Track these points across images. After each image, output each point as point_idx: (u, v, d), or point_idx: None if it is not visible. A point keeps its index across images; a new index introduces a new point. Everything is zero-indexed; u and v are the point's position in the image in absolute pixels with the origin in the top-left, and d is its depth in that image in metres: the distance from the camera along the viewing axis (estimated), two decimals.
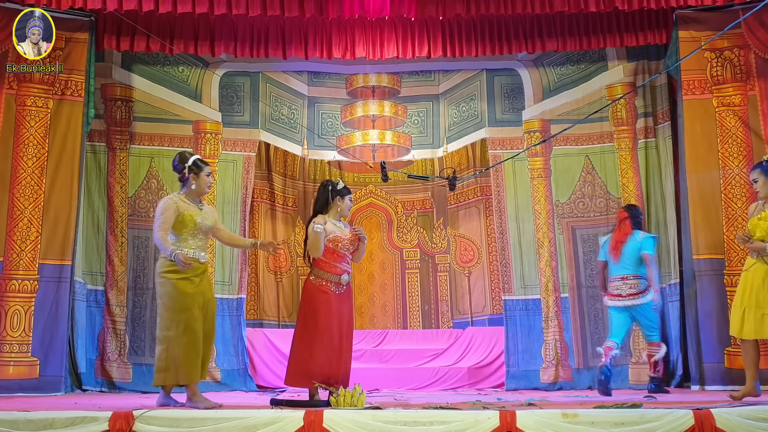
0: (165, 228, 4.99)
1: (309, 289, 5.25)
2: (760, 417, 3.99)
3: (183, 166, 5.11)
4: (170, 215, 5.00)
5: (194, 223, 5.04)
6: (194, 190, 5.13)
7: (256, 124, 8.62)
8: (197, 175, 5.10)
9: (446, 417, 4.09)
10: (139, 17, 7.31)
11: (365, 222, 9.49)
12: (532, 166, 8.26)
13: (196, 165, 5.11)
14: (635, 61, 8.07)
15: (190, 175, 5.09)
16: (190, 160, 5.11)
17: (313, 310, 5.18)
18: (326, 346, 5.12)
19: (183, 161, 5.13)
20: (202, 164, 5.15)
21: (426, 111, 9.28)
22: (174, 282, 4.95)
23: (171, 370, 4.93)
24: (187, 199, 5.11)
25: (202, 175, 5.11)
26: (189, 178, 5.10)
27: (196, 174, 5.10)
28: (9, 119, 7.00)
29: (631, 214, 6.83)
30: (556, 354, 7.80)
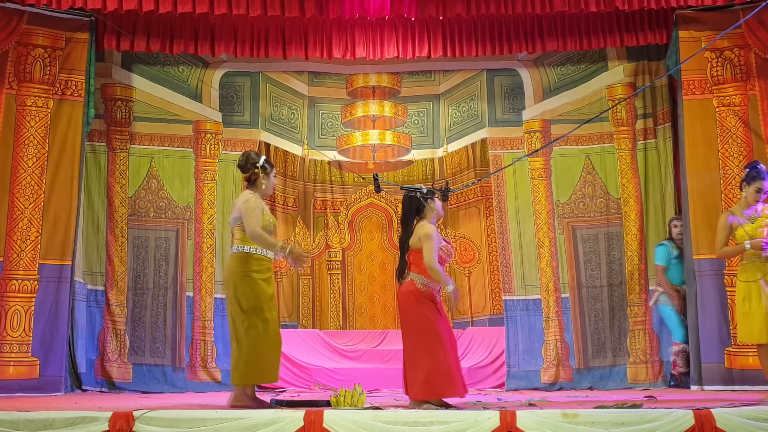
0: (261, 224, 4.87)
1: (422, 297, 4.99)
2: (760, 417, 3.99)
3: (255, 165, 5.03)
4: (260, 212, 4.92)
5: (269, 223, 4.99)
6: (263, 190, 5.08)
7: (256, 124, 8.62)
8: (267, 176, 5.06)
9: (446, 417, 4.09)
10: (139, 17, 7.31)
11: (365, 222, 9.50)
12: (532, 166, 8.26)
13: (269, 164, 5.08)
14: (635, 61, 8.07)
15: (262, 175, 5.03)
16: (261, 160, 5.05)
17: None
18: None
19: (253, 161, 5.05)
20: (271, 166, 5.12)
21: (426, 111, 9.28)
22: (258, 281, 4.89)
23: (252, 369, 4.86)
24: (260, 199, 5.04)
25: (271, 175, 5.09)
26: (260, 177, 5.03)
27: (266, 174, 5.06)
28: (9, 119, 7.00)
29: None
30: (557, 354, 7.80)
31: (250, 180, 5.08)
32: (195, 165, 8.23)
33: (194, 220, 8.09)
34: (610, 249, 7.97)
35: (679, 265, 7.35)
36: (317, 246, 9.27)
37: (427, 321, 4.89)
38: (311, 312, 9.14)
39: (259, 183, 5.06)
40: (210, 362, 7.84)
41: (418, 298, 4.93)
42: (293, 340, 8.50)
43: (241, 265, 4.93)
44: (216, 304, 7.99)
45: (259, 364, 4.88)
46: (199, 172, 8.24)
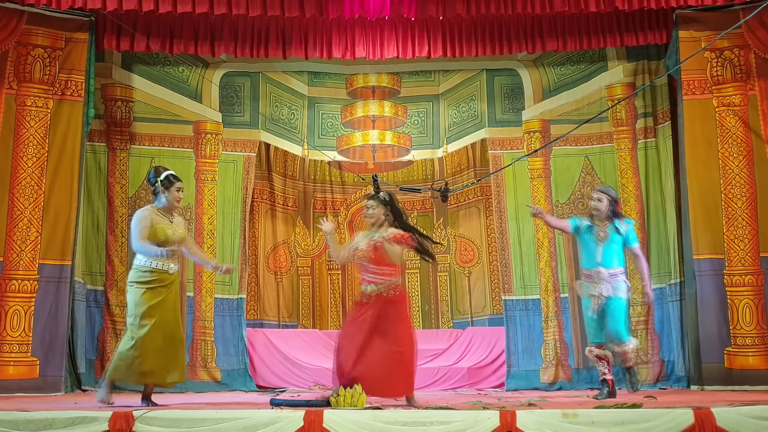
0: (144, 236, 5.18)
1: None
2: (760, 416, 3.99)
3: (156, 180, 5.30)
4: (146, 225, 5.19)
5: (165, 236, 5.21)
6: (165, 204, 5.30)
7: (256, 124, 8.63)
8: (168, 190, 5.27)
9: (446, 417, 4.09)
10: (139, 17, 7.31)
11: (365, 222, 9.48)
12: (531, 167, 8.26)
13: (168, 180, 5.29)
14: (635, 61, 8.07)
15: (161, 189, 5.27)
16: (163, 174, 5.30)
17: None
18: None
19: (157, 175, 5.32)
20: (174, 180, 5.31)
21: (426, 111, 9.28)
22: (141, 291, 5.11)
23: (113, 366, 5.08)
24: (159, 211, 5.28)
25: (172, 189, 5.29)
26: (160, 191, 5.27)
27: (166, 188, 5.27)
28: (9, 119, 7.00)
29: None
30: (556, 354, 7.81)
31: (154, 193, 5.36)
32: (195, 165, 8.24)
33: (194, 221, 8.10)
34: None
35: (591, 244, 6.16)
36: (317, 246, 9.27)
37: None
38: (311, 312, 9.14)
39: (160, 196, 5.29)
40: (210, 362, 7.85)
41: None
42: (293, 340, 8.51)
43: (131, 276, 5.24)
44: (216, 305, 8.00)
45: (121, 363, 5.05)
46: (200, 172, 8.25)
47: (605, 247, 6.09)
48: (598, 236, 6.12)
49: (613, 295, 6.03)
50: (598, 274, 6.06)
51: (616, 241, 6.09)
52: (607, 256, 6.08)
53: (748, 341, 6.91)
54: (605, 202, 6.13)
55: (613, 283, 6.04)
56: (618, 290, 6.05)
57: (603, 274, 6.05)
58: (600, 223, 6.16)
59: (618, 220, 6.14)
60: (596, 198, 6.19)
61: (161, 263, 5.17)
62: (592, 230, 6.17)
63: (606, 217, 6.13)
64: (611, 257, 6.08)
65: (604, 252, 6.09)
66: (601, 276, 6.05)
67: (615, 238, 6.09)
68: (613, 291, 6.03)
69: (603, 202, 6.14)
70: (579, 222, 6.29)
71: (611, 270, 6.06)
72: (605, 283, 6.04)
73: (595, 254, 6.11)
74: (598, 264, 6.07)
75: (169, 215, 5.32)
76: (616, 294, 6.04)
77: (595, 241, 6.12)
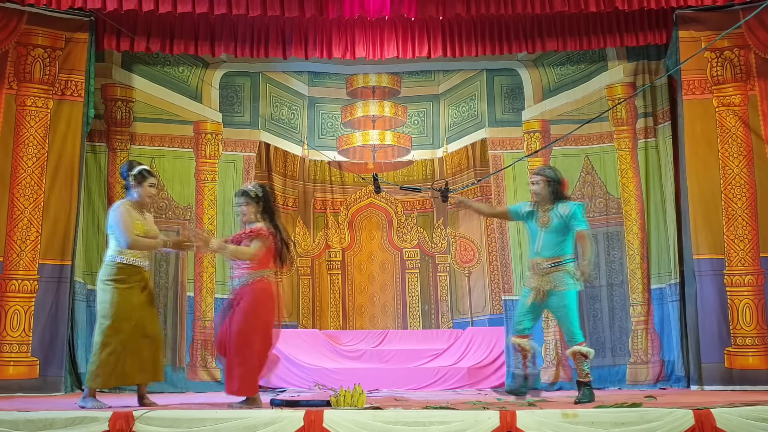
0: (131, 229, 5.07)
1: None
2: (760, 417, 4.00)
3: (128, 174, 5.23)
4: (127, 218, 5.10)
5: (143, 232, 5.16)
6: (137, 200, 5.23)
7: (257, 124, 8.63)
8: (140, 184, 5.20)
9: (446, 417, 4.10)
10: (139, 17, 7.31)
11: (365, 222, 9.49)
12: (531, 167, 8.25)
13: (141, 175, 5.21)
14: (635, 61, 8.07)
15: (134, 183, 5.20)
16: (136, 169, 5.22)
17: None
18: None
19: (129, 169, 5.25)
20: (148, 175, 5.25)
21: (426, 111, 9.28)
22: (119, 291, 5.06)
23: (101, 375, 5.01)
24: (132, 206, 5.21)
25: (145, 185, 5.21)
26: (132, 186, 5.21)
27: (139, 183, 5.19)
28: (9, 119, 7.00)
29: None
30: (556, 354, 7.81)
31: (125, 187, 5.30)
32: (195, 165, 8.24)
33: (195, 221, 8.10)
34: (610, 249, 7.97)
35: (534, 232, 5.62)
36: (317, 246, 9.27)
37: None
38: (311, 312, 9.14)
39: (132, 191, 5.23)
40: (210, 362, 7.85)
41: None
42: (293, 340, 8.50)
43: (104, 274, 5.15)
44: (217, 305, 8.00)
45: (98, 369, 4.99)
46: (200, 172, 8.25)
47: (546, 235, 5.47)
48: (539, 222, 5.52)
49: (556, 288, 5.41)
50: (537, 265, 5.49)
51: (558, 228, 5.45)
52: (547, 244, 5.46)
53: (748, 341, 6.91)
54: (542, 185, 5.53)
55: (555, 274, 5.42)
56: (561, 283, 5.40)
57: (542, 265, 5.46)
58: (542, 208, 5.56)
59: (561, 204, 5.50)
60: (533, 181, 5.62)
61: (133, 258, 5.12)
62: (534, 216, 5.59)
63: (547, 200, 5.52)
64: (551, 245, 5.45)
65: (544, 240, 5.47)
66: (540, 267, 5.47)
67: (557, 223, 5.45)
68: (554, 284, 5.41)
69: (539, 185, 5.55)
70: (520, 208, 5.73)
71: (549, 259, 5.45)
72: (544, 275, 5.44)
73: (535, 243, 5.54)
74: (537, 253, 5.51)
75: (140, 211, 5.24)
76: (558, 287, 5.40)
77: (537, 228, 5.53)
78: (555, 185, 5.54)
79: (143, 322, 5.15)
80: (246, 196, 5.19)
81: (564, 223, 5.43)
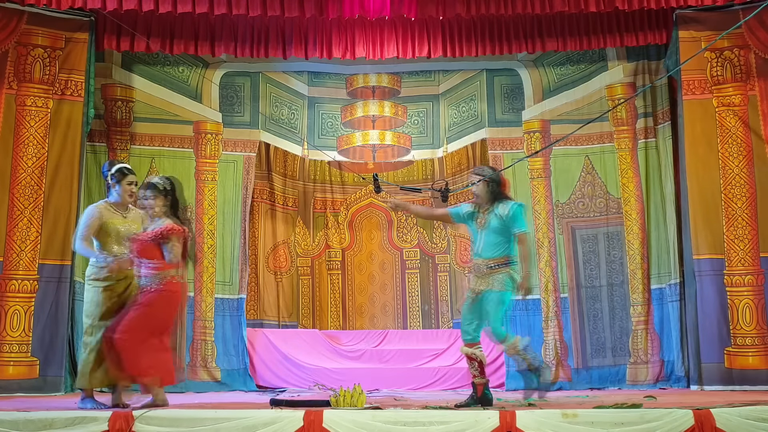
0: (86, 236, 5.02)
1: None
2: (760, 417, 4.00)
3: (107, 173, 5.16)
4: (92, 223, 5.03)
5: (117, 232, 5.07)
6: (117, 199, 5.15)
7: (257, 124, 8.63)
8: (118, 183, 5.12)
9: (446, 417, 4.10)
10: (139, 17, 7.31)
11: (365, 222, 9.49)
12: (531, 167, 8.26)
13: (120, 172, 5.14)
14: (635, 61, 8.07)
15: (111, 183, 5.13)
16: (114, 167, 5.16)
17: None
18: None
19: (109, 168, 5.18)
20: (127, 172, 5.16)
21: (426, 111, 9.28)
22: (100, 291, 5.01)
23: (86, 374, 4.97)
24: (111, 206, 5.13)
25: (123, 183, 5.12)
26: (111, 185, 5.14)
27: (117, 182, 5.12)
28: (9, 119, 7.00)
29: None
30: (556, 354, 7.81)
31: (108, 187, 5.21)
32: (195, 165, 8.24)
33: (195, 221, 8.10)
34: (611, 249, 7.97)
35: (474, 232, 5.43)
36: (317, 246, 9.27)
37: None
38: (311, 312, 9.14)
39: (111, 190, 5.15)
40: (210, 362, 7.85)
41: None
42: (293, 340, 8.51)
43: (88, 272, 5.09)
44: (217, 305, 8.01)
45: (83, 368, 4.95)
46: (200, 172, 8.25)
47: (485, 235, 5.30)
48: (478, 223, 5.35)
49: (489, 288, 5.22)
50: (477, 267, 5.33)
51: (497, 229, 5.27)
52: (486, 244, 5.29)
53: (748, 341, 6.91)
54: (480, 185, 5.36)
55: (492, 276, 5.23)
56: (496, 283, 5.21)
57: (480, 266, 5.29)
58: (482, 208, 5.38)
59: (501, 204, 5.31)
60: (471, 181, 5.47)
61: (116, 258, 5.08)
62: (474, 217, 5.41)
63: (487, 201, 5.34)
64: (490, 246, 5.27)
65: (484, 240, 5.30)
66: (480, 268, 5.30)
67: (496, 224, 5.27)
68: (490, 284, 5.22)
69: (478, 185, 5.38)
70: (460, 209, 5.54)
71: (490, 261, 5.25)
72: (483, 276, 5.27)
73: (476, 244, 5.38)
74: (477, 255, 5.34)
75: (122, 210, 5.15)
76: (492, 287, 5.21)
77: (476, 229, 5.37)
78: (494, 185, 5.35)
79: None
80: (154, 190, 5.03)
81: (503, 224, 5.25)
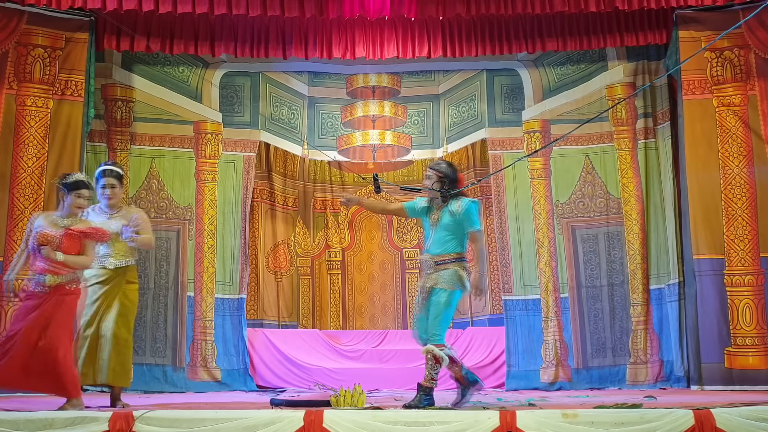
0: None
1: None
2: (760, 417, 4.00)
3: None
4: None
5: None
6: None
7: (257, 124, 8.62)
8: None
9: (446, 417, 4.09)
10: (139, 17, 7.32)
11: (365, 222, 9.49)
12: (531, 166, 8.26)
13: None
14: (635, 61, 8.07)
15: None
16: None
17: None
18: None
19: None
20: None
21: (426, 111, 9.28)
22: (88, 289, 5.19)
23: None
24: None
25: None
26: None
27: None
28: (9, 119, 7.00)
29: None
30: (556, 354, 7.81)
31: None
32: (195, 165, 8.24)
33: (195, 221, 8.10)
34: (611, 249, 7.97)
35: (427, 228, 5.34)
36: (317, 246, 9.28)
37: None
38: (311, 312, 9.14)
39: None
40: (210, 362, 7.85)
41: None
42: (293, 340, 8.51)
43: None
44: (217, 305, 8.01)
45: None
46: (200, 172, 8.25)
47: (436, 231, 5.20)
48: (431, 219, 5.26)
49: (437, 285, 5.10)
50: (425, 263, 5.23)
51: (449, 225, 5.16)
52: (435, 241, 5.19)
53: (748, 341, 6.91)
54: (434, 180, 5.24)
55: (441, 272, 5.11)
56: (442, 280, 5.09)
57: (428, 263, 5.18)
58: (436, 204, 5.28)
59: (455, 201, 5.20)
60: (426, 176, 5.33)
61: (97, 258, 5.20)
62: (428, 212, 5.31)
63: (441, 196, 5.24)
64: (439, 242, 5.16)
65: (434, 237, 5.20)
66: (428, 264, 5.19)
67: (448, 220, 5.16)
68: (437, 281, 5.11)
69: (431, 179, 5.25)
70: (415, 204, 5.42)
71: (437, 257, 5.15)
72: (432, 274, 5.14)
73: (427, 239, 5.28)
74: (427, 250, 5.24)
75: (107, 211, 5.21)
76: (440, 285, 5.09)
77: (430, 224, 5.27)
78: (448, 182, 5.23)
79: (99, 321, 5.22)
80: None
81: (456, 221, 5.14)
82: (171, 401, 5.87)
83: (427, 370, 5.17)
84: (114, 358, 5.23)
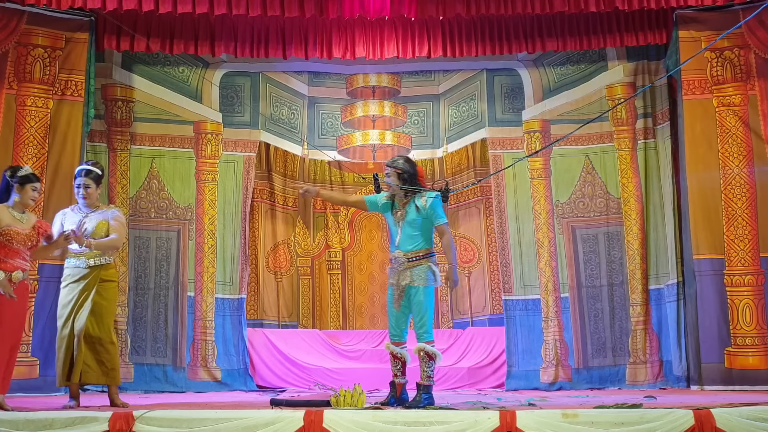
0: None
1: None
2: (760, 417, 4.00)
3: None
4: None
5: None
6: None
7: (257, 124, 8.62)
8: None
9: (446, 417, 4.10)
10: (139, 17, 7.32)
11: (365, 222, 9.48)
12: (532, 166, 8.26)
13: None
14: (635, 61, 8.07)
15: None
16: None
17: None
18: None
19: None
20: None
21: (426, 111, 9.28)
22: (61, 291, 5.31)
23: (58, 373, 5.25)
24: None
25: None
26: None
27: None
28: (9, 119, 7.01)
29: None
30: (556, 354, 7.81)
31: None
32: (196, 165, 8.24)
33: (195, 221, 8.10)
34: (611, 249, 7.97)
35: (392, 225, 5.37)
36: (317, 246, 9.27)
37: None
38: (311, 312, 9.14)
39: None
40: (210, 362, 7.85)
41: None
42: (293, 340, 8.51)
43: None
44: (217, 305, 8.01)
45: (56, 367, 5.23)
46: (200, 172, 8.25)
47: (404, 228, 5.21)
48: (397, 216, 5.26)
49: (413, 284, 5.15)
50: (396, 260, 5.22)
51: (415, 221, 5.18)
52: (405, 237, 5.20)
53: (748, 341, 6.92)
54: (393, 177, 5.25)
55: (412, 269, 5.16)
56: (417, 278, 5.15)
57: (400, 260, 5.19)
58: (399, 200, 5.29)
59: (419, 195, 5.21)
60: (386, 173, 5.31)
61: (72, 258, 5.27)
62: (391, 208, 5.32)
63: (402, 192, 5.24)
64: (409, 239, 5.19)
65: (402, 233, 5.21)
66: (400, 261, 5.20)
67: (414, 216, 5.18)
68: (412, 279, 5.15)
69: (390, 177, 5.26)
70: (377, 199, 5.41)
71: (409, 253, 5.17)
72: (404, 270, 5.18)
73: (394, 236, 5.28)
74: (396, 247, 5.24)
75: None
76: (416, 282, 5.15)
77: (395, 221, 5.28)
78: (409, 177, 5.23)
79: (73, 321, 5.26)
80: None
81: (423, 216, 5.17)
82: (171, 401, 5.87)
83: (423, 368, 5.20)
84: (89, 357, 5.26)
